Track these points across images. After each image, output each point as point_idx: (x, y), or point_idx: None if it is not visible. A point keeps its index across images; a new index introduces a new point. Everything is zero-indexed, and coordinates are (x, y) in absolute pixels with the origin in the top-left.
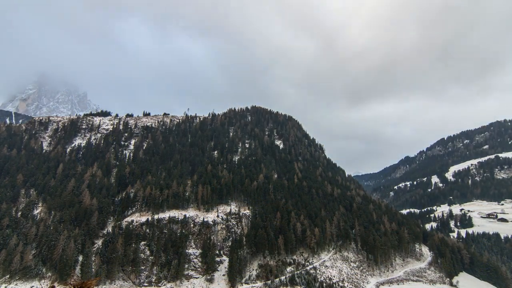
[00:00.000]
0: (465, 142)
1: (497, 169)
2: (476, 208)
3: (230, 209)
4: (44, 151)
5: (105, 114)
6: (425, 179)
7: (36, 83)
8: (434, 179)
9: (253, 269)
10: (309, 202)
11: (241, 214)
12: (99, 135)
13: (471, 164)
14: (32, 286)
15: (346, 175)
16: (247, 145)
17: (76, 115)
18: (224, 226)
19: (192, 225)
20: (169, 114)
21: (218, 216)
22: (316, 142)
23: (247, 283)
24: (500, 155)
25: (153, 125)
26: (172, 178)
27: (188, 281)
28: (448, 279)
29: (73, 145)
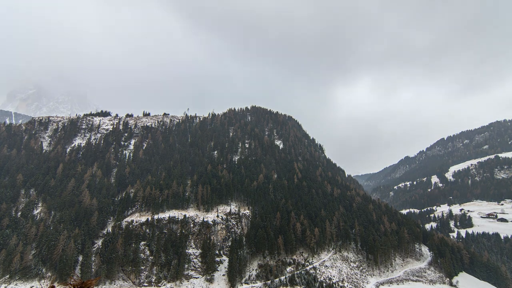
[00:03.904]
0: (465, 142)
1: (497, 169)
2: (476, 208)
3: (230, 209)
4: (44, 151)
5: (105, 114)
6: (425, 179)
7: (36, 83)
8: (434, 179)
9: (253, 269)
10: (309, 202)
11: (241, 214)
12: (99, 135)
13: (471, 164)
14: (32, 286)
15: (346, 175)
16: (247, 145)
17: (76, 115)
18: (224, 226)
19: (192, 225)
20: (169, 114)
21: (218, 216)
22: (316, 142)
23: (247, 283)
24: (500, 155)
25: (153, 125)
26: (172, 178)
27: (188, 281)
28: (448, 279)
29: (73, 145)
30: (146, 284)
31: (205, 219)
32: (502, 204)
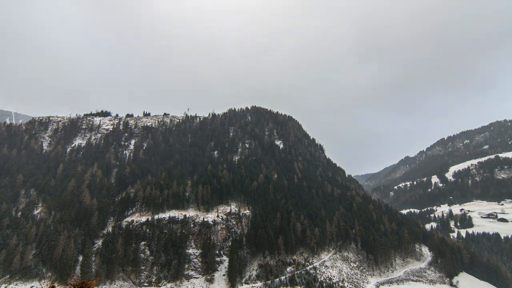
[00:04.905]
0: (465, 142)
1: (497, 169)
2: (476, 208)
3: (230, 209)
4: (44, 151)
5: (105, 114)
6: (425, 179)
7: (36, 83)
8: (434, 179)
9: (253, 269)
10: (309, 202)
11: (241, 214)
12: (99, 135)
13: (471, 164)
14: (32, 286)
15: (346, 175)
16: (247, 145)
17: (76, 115)
18: (224, 226)
19: (192, 225)
20: (169, 114)
21: (218, 216)
22: (316, 142)
23: (247, 283)
24: (500, 155)
25: (153, 125)
26: (172, 178)
27: (188, 281)
28: (448, 279)
29: (73, 145)
30: (146, 284)
31: (205, 219)
32: (502, 204)
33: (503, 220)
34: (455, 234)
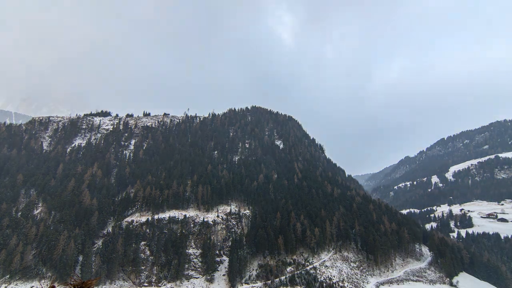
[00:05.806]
0: (465, 142)
1: (497, 169)
2: (476, 208)
3: (230, 209)
4: (44, 151)
5: (105, 114)
6: (425, 179)
7: (36, 83)
8: (434, 179)
9: (253, 269)
10: (309, 202)
11: (241, 214)
12: (99, 135)
13: (471, 164)
14: (32, 286)
15: (346, 175)
16: (247, 145)
17: (76, 115)
18: (224, 226)
19: (192, 225)
20: (169, 114)
21: (218, 216)
22: (316, 142)
23: (247, 283)
24: (500, 155)
25: (153, 125)
26: (172, 178)
27: (188, 281)
28: (448, 279)
29: (73, 145)
30: (146, 284)
31: (205, 219)
32: (502, 204)
33: (503, 220)
34: (455, 234)
